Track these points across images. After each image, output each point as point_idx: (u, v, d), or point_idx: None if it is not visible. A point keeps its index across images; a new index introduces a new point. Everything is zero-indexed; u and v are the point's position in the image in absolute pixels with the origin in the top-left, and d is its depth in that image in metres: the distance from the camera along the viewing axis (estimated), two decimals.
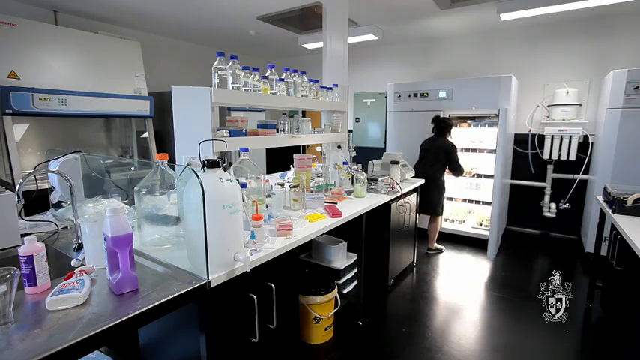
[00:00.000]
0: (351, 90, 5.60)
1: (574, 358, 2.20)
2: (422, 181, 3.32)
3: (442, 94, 3.97)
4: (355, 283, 2.54)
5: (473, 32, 4.52)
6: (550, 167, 3.99)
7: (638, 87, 3.07)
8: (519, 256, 3.76)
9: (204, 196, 1.10)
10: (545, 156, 3.89)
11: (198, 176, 1.13)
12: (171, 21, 4.05)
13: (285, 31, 4.46)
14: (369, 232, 2.49)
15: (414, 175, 3.33)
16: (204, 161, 1.22)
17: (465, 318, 2.59)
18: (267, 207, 1.96)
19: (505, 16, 3.61)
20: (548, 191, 4.09)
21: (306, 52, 5.34)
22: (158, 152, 1.38)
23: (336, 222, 1.96)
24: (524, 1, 3.31)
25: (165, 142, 3.89)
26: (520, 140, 4.21)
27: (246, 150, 1.88)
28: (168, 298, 1.03)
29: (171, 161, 1.49)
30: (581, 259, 3.62)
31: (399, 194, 2.69)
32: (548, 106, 3.94)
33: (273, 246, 1.52)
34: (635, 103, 3.11)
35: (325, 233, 1.99)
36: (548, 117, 3.94)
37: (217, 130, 1.94)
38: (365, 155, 4.19)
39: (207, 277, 1.14)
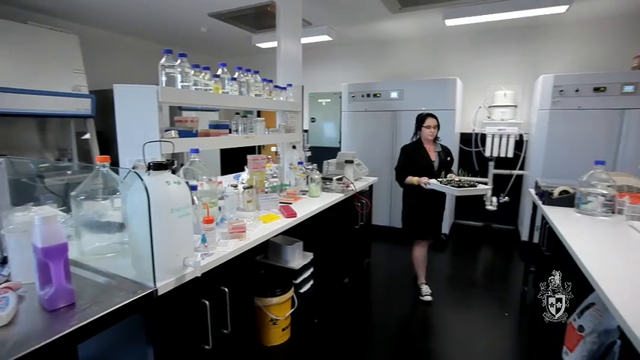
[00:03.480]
0: (306, 90, 5.62)
1: (512, 338, 2.40)
2: (375, 179, 3.42)
3: (394, 94, 4.13)
4: (312, 282, 2.56)
5: (422, 36, 4.73)
6: (491, 164, 4.30)
7: (562, 91, 3.41)
8: (466, 248, 4.02)
9: (149, 200, 1.05)
10: (487, 153, 4.19)
11: (142, 179, 1.08)
12: (112, 14, 3.80)
13: (239, 29, 4.37)
14: (325, 231, 2.53)
15: (367, 173, 3.41)
16: (149, 163, 1.17)
17: (417, 309, 2.72)
18: (219, 209, 1.92)
19: (450, 22, 3.82)
20: (490, 186, 4.41)
21: (261, 51, 5.28)
22: (102, 154, 1.29)
23: (290, 222, 1.97)
24: (466, 10, 3.54)
25: (110, 143, 3.64)
26: (465, 139, 4.50)
27: (196, 151, 1.83)
28: (110, 310, 0.97)
29: (115, 164, 1.40)
30: (518, 247, 3.95)
31: (353, 192, 2.76)
32: (489, 107, 4.24)
33: (226, 249, 1.49)
34: (560, 105, 3.45)
35: (281, 234, 1.99)
36: (489, 117, 4.24)
37: (166, 131, 1.86)
38: (321, 155, 4.23)
39: (154, 284, 1.10)
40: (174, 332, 1.26)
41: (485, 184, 2.61)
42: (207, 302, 1.36)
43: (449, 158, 2.85)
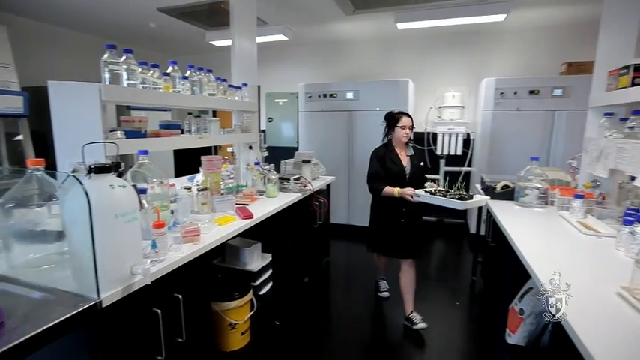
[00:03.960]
0: (262, 90, 5.57)
1: (463, 324, 2.55)
2: (332, 178, 3.46)
3: (350, 95, 4.21)
4: (271, 283, 2.54)
5: (376, 38, 4.87)
6: (442, 161, 4.53)
7: (503, 93, 3.68)
8: None
9: (90, 206, 0.99)
10: (439, 152, 4.40)
11: (82, 184, 1.01)
12: (47, 2, 3.49)
13: (191, 26, 4.21)
14: (283, 231, 2.52)
15: (325, 172, 3.45)
16: (90, 166, 1.09)
17: (376, 304, 2.79)
18: (172, 213, 1.84)
19: (401, 26, 3.97)
20: (441, 183, 4.64)
21: (215, 49, 5.13)
22: (38, 157, 1.18)
23: (247, 224, 1.94)
24: (415, 14, 3.69)
25: (49, 145, 3.35)
26: (418, 138, 4.69)
27: (145, 153, 1.74)
28: (45, 328, 0.88)
29: (53, 167, 1.29)
30: (468, 239, 4.20)
31: (310, 192, 2.77)
32: (439, 107, 4.45)
33: (179, 254, 1.43)
34: (501, 106, 3.72)
35: (238, 236, 1.95)
36: (439, 117, 4.46)
37: (111, 132, 1.75)
38: (279, 155, 4.21)
39: (98, 296, 1.03)
40: (122, 345, 1.19)
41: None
42: (159, 311, 1.30)
43: (422, 163, 2.51)
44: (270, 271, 2.45)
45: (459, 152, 4.33)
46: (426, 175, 2.55)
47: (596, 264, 1.40)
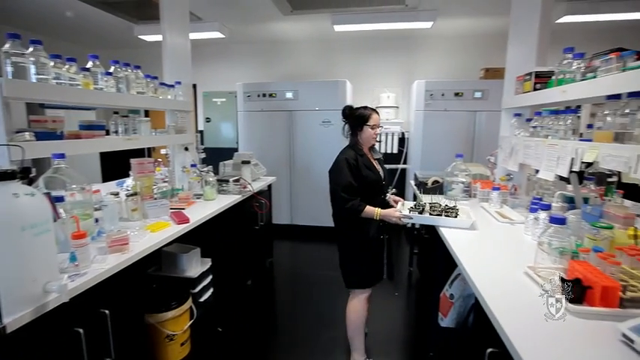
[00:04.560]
0: (199, 89, 5.34)
1: (402, 313, 2.70)
2: (273, 178, 3.43)
3: (289, 95, 4.21)
4: (212, 289, 2.45)
5: (314, 39, 4.94)
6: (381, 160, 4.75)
7: (432, 94, 3.95)
8: None
9: None
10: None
11: None
12: None
13: (117, 18, 3.89)
14: (224, 234, 2.45)
15: (265, 173, 3.41)
16: None
17: (320, 301, 2.84)
18: (97, 221, 1.69)
19: (338, 28, 4.07)
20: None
21: (145, 44, 4.79)
22: None
23: (183, 229, 1.85)
24: (351, 18, 3.81)
25: None
26: None
27: (61, 156, 1.57)
28: None
29: None
30: (405, 232, 4.45)
31: (251, 193, 2.73)
32: (376, 107, 4.65)
33: (104, 265, 1.32)
34: (432, 107, 4.00)
35: (175, 242, 1.85)
36: None
37: (17, 133, 1.55)
38: (219, 156, 4.07)
39: (0, 321, 0.91)
40: None
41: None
42: (81, 330, 1.18)
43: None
44: (211, 276, 2.36)
45: (395, 150, 4.56)
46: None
47: (510, 248, 1.58)
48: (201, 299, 2.33)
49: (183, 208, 2.17)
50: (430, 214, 1.92)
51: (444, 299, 2.13)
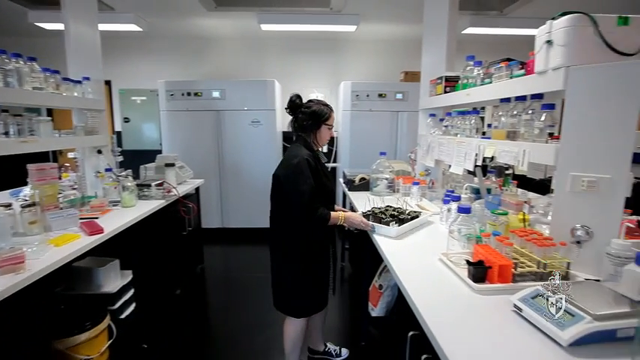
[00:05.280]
0: (115, 86, 4.88)
1: (337, 307, 2.77)
2: (201, 181, 3.28)
3: (216, 94, 4.06)
4: (134, 303, 2.26)
5: (242, 37, 4.82)
6: None
7: (358, 95, 4.13)
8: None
9: None
10: None
11: None
12: None
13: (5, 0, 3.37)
14: (147, 243, 2.27)
15: (192, 175, 3.24)
16: None
17: (254, 304, 2.79)
18: None
19: (265, 27, 4.03)
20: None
21: (44, 33, 4.22)
22: None
23: (96, 240, 1.67)
24: (277, 17, 3.80)
25: None
26: (287, 137, 4.87)
27: None
28: None
29: None
30: (337, 228, 4.58)
31: (176, 197, 2.57)
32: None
33: None
34: (358, 107, 4.18)
35: (89, 255, 1.66)
36: None
37: None
38: (141, 159, 3.77)
39: None
40: None
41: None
42: None
43: None
44: (133, 290, 2.18)
45: (325, 149, 4.67)
46: None
47: (427, 238, 1.72)
48: (122, 315, 2.14)
49: (96, 217, 1.97)
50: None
51: (374, 290, 2.24)
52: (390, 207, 1.98)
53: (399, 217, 1.79)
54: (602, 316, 0.83)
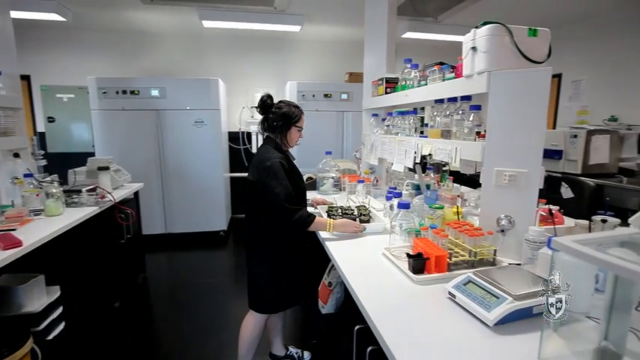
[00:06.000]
0: (36, 81, 4.39)
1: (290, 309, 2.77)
2: (140, 185, 3.08)
3: (155, 92, 3.83)
4: (64, 322, 2.06)
5: (184, 33, 4.61)
6: None
7: (304, 95, 4.16)
8: (244, 239, 4.30)
9: None
10: (254, 150, 4.60)
11: None
12: None
13: None
14: (78, 254, 2.08)
15: (130, 179, 3.03)
16: None
17: (203, 310, 2.68)
18: None
19: (207, 24, 3.89)
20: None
21: None
22: None
23: (12, 255, 1.49)
24: (219, 14, 3.69)
25: None
26: (233, 137, 4.76)
27: None
28: None
29: None
30: None
31: (111, 203, 2.39)
32: (251, 107, 4.64)
33: None
34: (304, 107, 3.99)
35: (5, 272, 1.48)
36: (252, 117, 4.64)
37: None
38: (70, 163, 3.44)
39: None
40: None
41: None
42: None
43: None
44: (62, 307, 1.98)
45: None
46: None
47: (373, 234, 1.78)
48: (50, 337, 1.94)
49: (13, 229, 1.76)
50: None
51: (324, 288, 2.27)
52: (342, 207, 2.03)
53: (349, 215, 1.86)
54: (521, 296, 0.93)
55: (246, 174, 1.91)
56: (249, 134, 4.64)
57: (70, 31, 4.36)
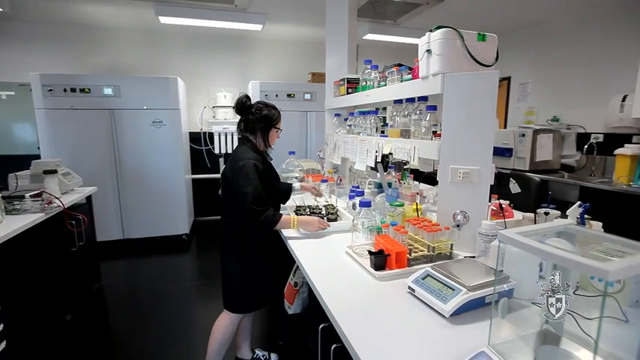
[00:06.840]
0: None
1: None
2: (93, 189, 2.90)
3: (108, 90, 3.63)
4: (4, 342, 1.89)
5: (139, 29, 4.39)
6: (221, 160, 4.65)
7: (267, 95, 4.12)
8: (207, 243, 4.19)
9: None
10: (217, 150, 4.48)
11: None
12: None
13: None
14: (22, 266, 1.92)
15: (81, 183, 2.84)
16: None
17: (164, 318, 2.58)
18: None
19: (164, 20, 3.74)
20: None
21: None
22: None
23: None
24: (176, 10, 3.56)
25: None
26: (194, 137, 4.62)
27: None
28: None
29: None
30: None
31: (60, 209, 2.23)
32: (213, 107, 4.52)
33: None
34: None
35: None
36: (214, 117, 4.52)
37: None
38: (11, 166, 3.16)
39: None
40: None
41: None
42: None
43: None
44: (2, 325, 1.82)
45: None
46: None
47: (335, 233, 1.80)
48: None
49: None
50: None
51: (290, 288, 2.26)
52: (310, 206, 2.05)
53: (317, 214, 1.90)
54: (474, 287, 0.98)
55: (209, 175, 1.88)
56: (211, 135, 4.51)
57: (10, 23, 4.01)
